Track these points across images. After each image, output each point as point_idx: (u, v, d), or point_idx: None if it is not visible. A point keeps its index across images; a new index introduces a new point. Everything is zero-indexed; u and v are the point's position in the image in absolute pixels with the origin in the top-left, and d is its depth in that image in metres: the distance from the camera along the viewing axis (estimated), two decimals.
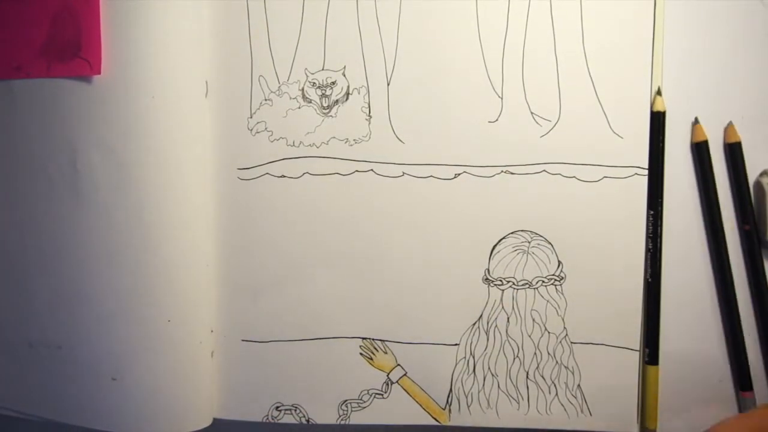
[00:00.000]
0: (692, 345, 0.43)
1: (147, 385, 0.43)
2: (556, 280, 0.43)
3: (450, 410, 0.44)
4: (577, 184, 0.42)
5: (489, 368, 0.43)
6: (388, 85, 0.43)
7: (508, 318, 0.43)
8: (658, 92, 0.41)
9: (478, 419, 0.44)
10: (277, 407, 0.45)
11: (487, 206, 0.43)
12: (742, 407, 0.43)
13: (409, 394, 0.44)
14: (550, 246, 0.43)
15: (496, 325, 0.43)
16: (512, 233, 0.43)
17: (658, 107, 0.41)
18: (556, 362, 0.43)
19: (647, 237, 0.42)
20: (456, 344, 0.43)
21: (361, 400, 0.44)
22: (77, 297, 0.43)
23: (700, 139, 0.42)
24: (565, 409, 0.43)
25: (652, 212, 0.42)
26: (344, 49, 0.42)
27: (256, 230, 0.44)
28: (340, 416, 0.44)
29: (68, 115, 0.41)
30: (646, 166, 0.42)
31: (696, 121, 0.42)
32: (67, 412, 0.44)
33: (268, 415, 0.45)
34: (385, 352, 0.44)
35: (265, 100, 0.43)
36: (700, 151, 0.42)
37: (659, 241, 0.42)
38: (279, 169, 0.43)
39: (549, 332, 0.43)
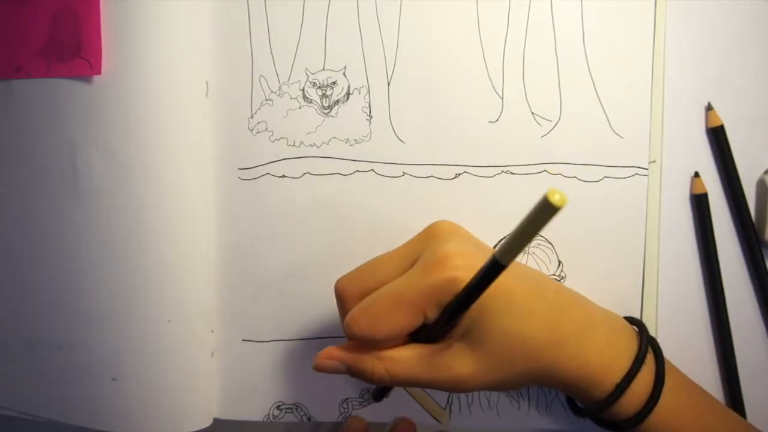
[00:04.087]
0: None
1: (147, 385, 0.43)
2: (556, 279, 0.43)
3: (450, 410, 0.44)
4: (577, 184, 0.42)
5: None
6: (389, 85, 0.42)
7: None
8: None
9: (478, 419, 0.44)
10: (278, 406, 0.45)
11: (487, 206, 0.43)
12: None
13: (409, 393, 0.44)
14: (550, 246, 0.43)
15: None
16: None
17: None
18: None
19: None
20: None
21: (361, 398, 0.44)
22: (77, 297, 0.43)
23: (699, 191, 0.42)
24: (565, 409, 0.43)
25: None
26: (345, 49, 0.42)
27: (256, 230, 0.44)
28: (341, 414, 0.45)
29: (68, 115, 0.41)
30: (647, 166, 0.42)
31: (696, 175, 0.42)
32: (67, 412, 0.44)
33: (269, 415, 0.45)
34: None
35: (266, 100, 0.43)
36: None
37: None
38: (279, 169, 0.43)
39: None
